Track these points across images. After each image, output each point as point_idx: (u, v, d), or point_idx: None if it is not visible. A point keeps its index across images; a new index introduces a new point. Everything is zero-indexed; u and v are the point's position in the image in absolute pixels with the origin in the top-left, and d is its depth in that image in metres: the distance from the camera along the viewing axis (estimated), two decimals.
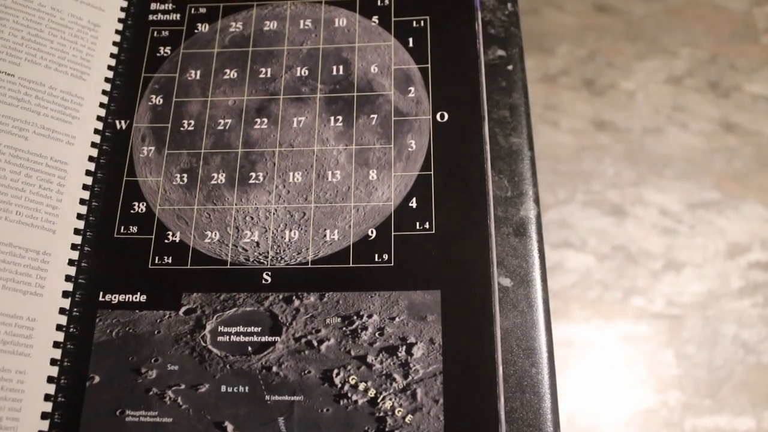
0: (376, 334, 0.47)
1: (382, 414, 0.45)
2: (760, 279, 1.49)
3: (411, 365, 0.46)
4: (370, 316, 0.47)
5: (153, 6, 0.58)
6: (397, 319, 0.47)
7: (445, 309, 0.47)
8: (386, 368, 0.46)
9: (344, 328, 0.47)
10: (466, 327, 0.47)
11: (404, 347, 0.46)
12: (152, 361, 0.47)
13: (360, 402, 0.45)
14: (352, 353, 0.46)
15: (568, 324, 1.47)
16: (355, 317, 0.47)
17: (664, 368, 1.44)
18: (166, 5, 0.58)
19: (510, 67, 0.57)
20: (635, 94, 1.64)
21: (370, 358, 0.46)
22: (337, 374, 0.46)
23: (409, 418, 0.44)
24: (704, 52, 1.68)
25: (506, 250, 0.51)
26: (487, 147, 0.51)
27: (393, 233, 0.49)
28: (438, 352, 0.46)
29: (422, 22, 0.56)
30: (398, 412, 0.45)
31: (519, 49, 0.58)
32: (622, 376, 1.43)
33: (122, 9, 0.58)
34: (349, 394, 0.45)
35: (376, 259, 0.49)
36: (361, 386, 0.45)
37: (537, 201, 0.53)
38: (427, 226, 0.49)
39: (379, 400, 0.45)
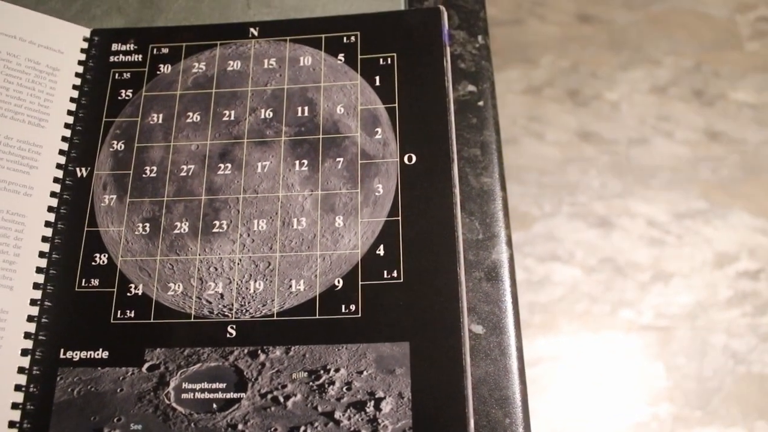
0: (344, 389, 0.45)
1: None
2: (748, 288, 1.49)
3: (380, 421, 0.44)
4: (337, 370, 0.46)
5: (114, 47, 0.57)
6: (365, 372, 0.45)
7: (414, 361, 0.46)
8: (354, 424, 0.44)
9: (311, 383, 0.46)
10: (436, 379, 0.45)
11: (372, 402, 0.45)
12: (115, 420, 0.46)
13: None
14: (319, 409, 0.45)
15: (556, 338, 1.45)
16: (321, 371, 0.46)
17: (654, 380, 1.43)
18: (128, 46, 0.57)
19: (481, 103, 0.56)
20: (619, 104, 1.63)
21: (337, 414, 0.45)
22: (304, 431, 0.44)
23: None
24: (688, 60, 1.67)
25: (478, 296, 0.49)
26: (457, 190, 0.50)
27: (360, 283, 0.48)
28: (407, 406, 0.45)
29: (389, 59, 0.54)
30: None
31: (490, 83, 0.57)
32: (612, 389, 1.43)
33: (82, 50, 0.56)
34: None
35: (343, 310, 0.47)
36: None
37: (509, 243, 0.52)
38: (395, 274, 0.48)
39: None
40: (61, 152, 0.53)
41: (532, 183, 1.54)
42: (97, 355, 0.48)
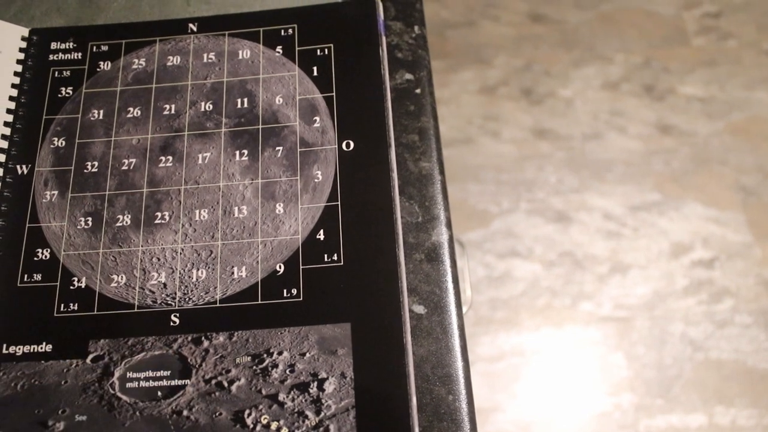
0: (287, 371, 0.46)
1: None
2: (703, 277, 1.52)
3: (323, 401, 0.45)
4: (280, 353, 0.46)
5: (53, 45, 0.57)
6: (307, 354, 0.46)
7: (355, 341, 0.46)
8: (298, 405, 0.45)
9: (254, 367, 0.46)
10: (378, 358, 0.46)
11: (316, 383, 0.45)
12: (59, 412, 0.46)
13: None
14: (263, 392, 0.45)
15: (519, 333, 1.47)
16: (265, 355, 0.46)
17: (616, 371, 1.46)
18: (67, 44, 0.57)
19: (418, 91, 0.57)
20: (573, 101, 1.66)
21: (281, 396, 0.45)
22: (249, 415, 0.45)
23: None
24: (638, 57, 1.71)
25: (419, 277, 0.50)
26: (395, 174, 0.51)
27: (301, 267, 0.49)
28: (350, 386, 0.45)
29: (326, 50, 0.55)
30: None
31: (427, 71, 0.58)
32: (574, 381, 1.45)
33: (21, 50, 0.56)
34: None
35: (285, 295, 0.48)
36: (273, 426, 0.45)
37: (449, 225, 0.53)
38: (335, 257, 0.49)
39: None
40: (1, 150, 0.53)
41: (489, 181, 1.56)
42: (41, 348, 0.48)
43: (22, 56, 0.56)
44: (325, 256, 0.49)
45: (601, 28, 1.75)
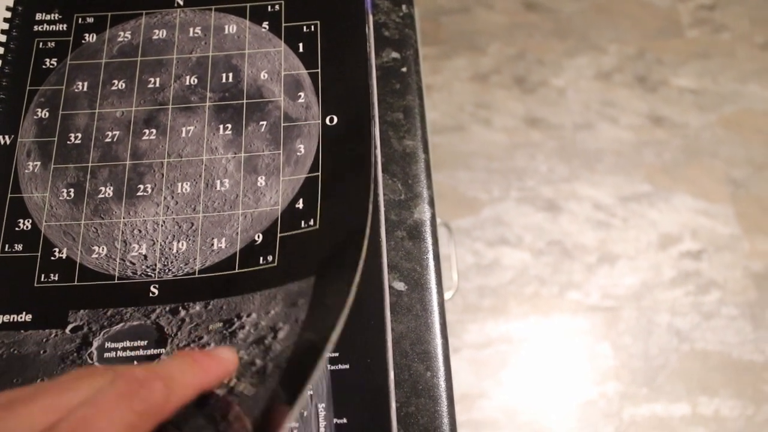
0: (251, 330, 0.46)
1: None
2: (691, 268, 1.53)
3: (273, 348, 0.44)
4: (248, 315, 0.46)
5: (38, 16, 0.57)
6: (272, 311, 0.46)
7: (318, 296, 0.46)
8: (251, 356, 0.44)
9: (224, 332, 0.46)
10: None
11: (272, 334, 0.45)
12: (37, 382, 0.46)
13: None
14: None
15: (507, 321, 1.48)
16: (235, 319, 0.46)
17: (602, 360, 1.46)
18: (52, 15, 0.57)
19: (404, 69, 0.57)
20: (565, 90, 1.66)
21: (241, 353, 0.45)
22: None
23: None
24: (631, 47, 1.71)
25: (400, 254, 0.51)
26: (377, 150, 0.51)
27: (279, 235, 0.49)
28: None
29: (312, 27, 0.55)
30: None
31: (414, 51, 0.58)
32: (561, 370, 1.45)
33: (5, 20, 0.56)
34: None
35: (261, 262, 0.48)
36: (240, 386, 0.44)
37: (432, 203, 0.53)
38: (311, 222, 0.49)
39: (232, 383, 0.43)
40: None
41: (480, 169, 1.56)
42: (20, 318, 0.48)
43: (6, 26, 0.56)
44: (302, 222, 0.49)
45: (596, 18, 1.75)
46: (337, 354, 0.46)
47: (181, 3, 0.57)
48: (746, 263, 1.53)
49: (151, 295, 0.48)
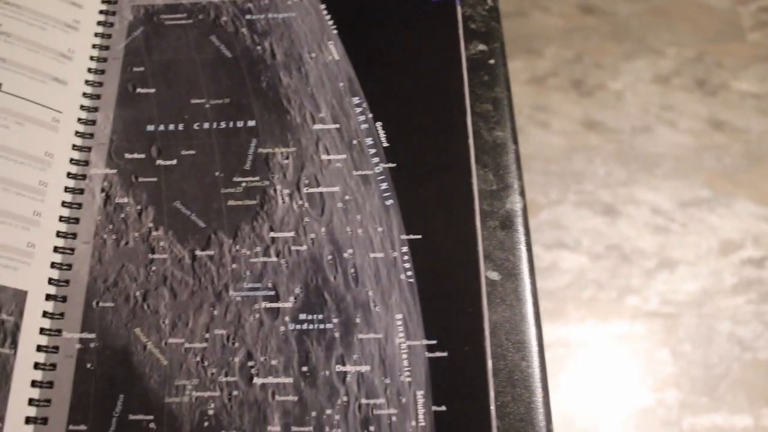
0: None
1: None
2: (753, 276, 1.49)
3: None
4: None
5: None
6: None
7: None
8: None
9: None
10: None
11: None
12: None
13: None
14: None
15: (565, 325, 1.46)
16: None
17: (661, 367, 1.44)
18: None
19: (492, 61, 0.57)
20: (623, 94, 1.65)
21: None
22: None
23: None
24: (690, 51, 1.69)
25: (493, 244, 0.50)
26: (471, 141, 0.51)
27: None
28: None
29: None
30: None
31: (500, 43, 0.58)
32: (618, 375, 1.43)
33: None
34: None
35: None
36: None
37: (522, 194, 0.52)
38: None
39: None
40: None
41: (538, 171, 1.55)
42: None
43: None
44: None
45: (653, 21, 1.72)
46: (435, 342, 0.46)
47: None
48: None
49: None
